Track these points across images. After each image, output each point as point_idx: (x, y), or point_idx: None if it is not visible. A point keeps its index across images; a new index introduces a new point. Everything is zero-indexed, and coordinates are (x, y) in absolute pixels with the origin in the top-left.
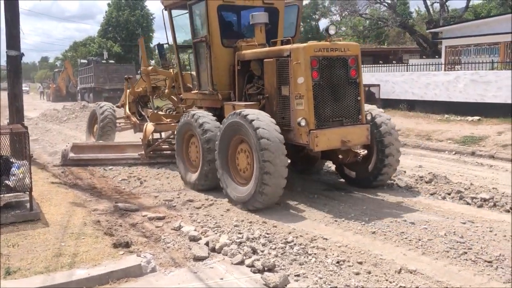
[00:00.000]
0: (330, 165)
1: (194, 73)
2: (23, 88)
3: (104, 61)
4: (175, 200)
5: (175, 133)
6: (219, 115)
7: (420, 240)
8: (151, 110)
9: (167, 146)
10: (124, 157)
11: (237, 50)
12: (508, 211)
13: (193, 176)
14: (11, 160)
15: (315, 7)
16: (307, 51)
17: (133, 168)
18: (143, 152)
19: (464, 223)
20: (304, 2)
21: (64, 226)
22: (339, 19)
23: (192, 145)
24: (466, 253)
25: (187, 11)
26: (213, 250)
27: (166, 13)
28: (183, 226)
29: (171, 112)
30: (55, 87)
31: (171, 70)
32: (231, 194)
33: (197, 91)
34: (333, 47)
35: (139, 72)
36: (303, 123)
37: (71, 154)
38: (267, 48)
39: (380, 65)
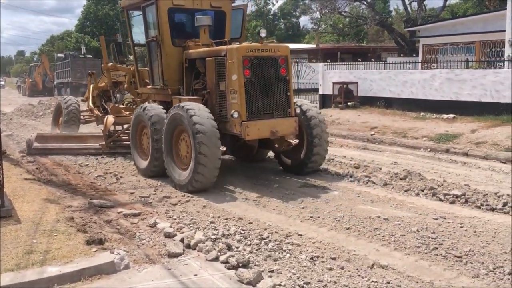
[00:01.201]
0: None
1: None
2: None
3: (81, 56)
4: (152, 197)
5: (130, 124)
6: (169, 108)
7: (393, 236)
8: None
9: (127, 137)
10: (86, 147)
11: (186, 49)
12: (479, 207)
13: (144, 163)
14: None
15: (296, 4)
16: (240, 52)
17: (110, 165)
18: (103, 143)
19: (436, 219)
20: None
21: (36, 223)
22: (319, 17)
23: (144, 135)
24: (437, 248)
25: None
26: (188, 246)
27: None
28: (158, 222)
29: (131, 106)
30: (31, 82)
31: (130, 67)
32: (175, 178)
33: (150, 86)
34: (264, 48)
35: None
36: (235, 115)
37: (36, 144)
38: (208, 48)
39: (358, 63)
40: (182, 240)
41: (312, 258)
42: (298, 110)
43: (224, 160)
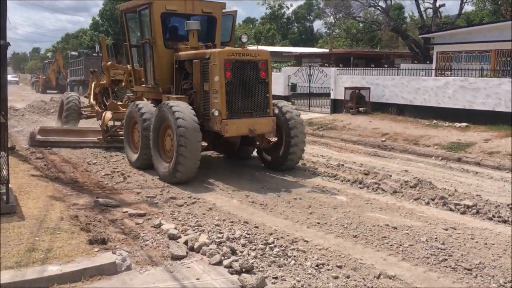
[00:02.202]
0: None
1: None
2: (13, 79)
3: (94, 54)
4: (158, 197)
5: (124, 120)
6: None
7: (401, 245)
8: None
9: (122, 132)
10: (85, 140)
11: (177, 51)
12: (491, 219)
13: (135, 156)
14: None
15: (310, 8)
16: (222, 55)
17: (118, 163)
18: (101, 137)
19: (446, 230)
20: (299, 3)
21: (40, 220)
22: (333, 21)
23: (136, 130)
24: (446, 260)
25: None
26: (191, 249)
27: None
28: (163, 224)
29: (128, 103)
30: (44, 79)
31: (128, 66)
32: (160, 170)
33: (144, 85)
34: (245, 53)
35: None
36: (216, 113)
37: (38, 136)
38: (195, 51)
39: (371, 69)
40: (186, 243)
41: (317, 265)
42: (278, 111)
43: (228, 162)
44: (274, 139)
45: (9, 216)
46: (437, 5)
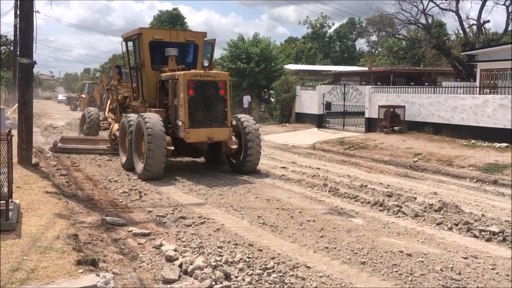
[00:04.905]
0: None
1: None
2: (61, 98)
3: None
4: (168, 216)
5: (119, 129)
6: None
7: (411, 274)
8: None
9: None
10: (96, 148)
11: (161, 73)
12: None
13: (124, 158)
14: None
15: (352, 27)
16: (186, 76)
17: (138, 181)
18: (109, 145)
19: (466, 258)
20: (341, 22)
21: (35, 239)
22: (376, 39)
23: (126, 138)
24: None
25: None
26: (185, 272)
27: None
28: (164, 244)
29: None
30: (89, 98)
31: (128, 84)
32: (137, 169)
33: (136, 101)
34: (206, 74)
35: None
36: (180, 123)
37: (60, 144)
38: (169, 73)
39: (406, 87)
40: (180, 265)
41: None
42: (238, 123)
43: (233, 178)
44: (234, 146)
45: (7, 234)
46: (481, 21)
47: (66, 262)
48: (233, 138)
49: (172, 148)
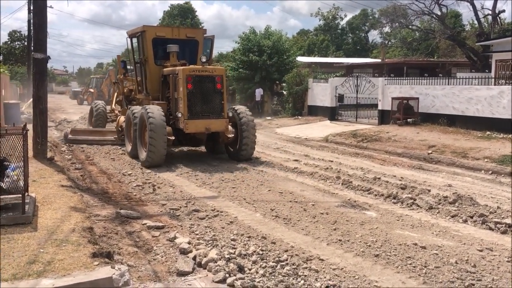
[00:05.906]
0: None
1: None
2: (75, 89)
3: None
4: (181, 209)
5: (125, 121)
6: None
7: (426, 267)
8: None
9: None
10: (104, 139)
11: (163, 68)
12: None
13: (129, 148)
14: (5, 162)
15: (365, 18)
16: (184, 71)
17: (151, 174)
18: (116, 136)
19: (481, 251)
20: (354, 14)
21: (51, 232)
22: (389, 31)
23: (132, 129)
24: (473, 285)
25: None
26: (199, 265)
27: (129, 40)
28: (178, 237)
29: None
30: (97, 92)
31: (133, 78)
32: (141, 157)
33: (141, 94)
34: (203, 69)
35: None
36: (179, 115)
37: (70, 136)
38: (171, 68)
39: (420, 78)
40: (194, 258)
41: (327, 287)
42: (233, 114)
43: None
44: (231, 135)
45: (23, 227)
46: (497, 11)
47: (82, 255)
48: (230, 127)
49: (173, 138)
